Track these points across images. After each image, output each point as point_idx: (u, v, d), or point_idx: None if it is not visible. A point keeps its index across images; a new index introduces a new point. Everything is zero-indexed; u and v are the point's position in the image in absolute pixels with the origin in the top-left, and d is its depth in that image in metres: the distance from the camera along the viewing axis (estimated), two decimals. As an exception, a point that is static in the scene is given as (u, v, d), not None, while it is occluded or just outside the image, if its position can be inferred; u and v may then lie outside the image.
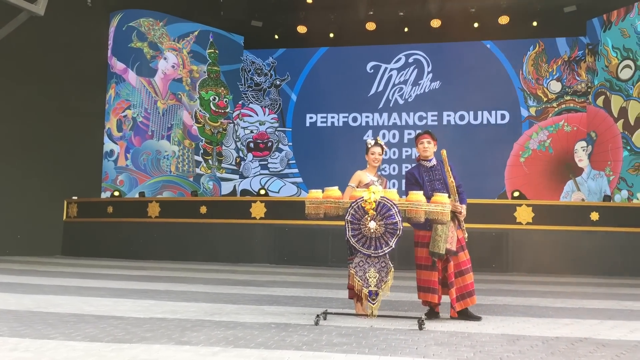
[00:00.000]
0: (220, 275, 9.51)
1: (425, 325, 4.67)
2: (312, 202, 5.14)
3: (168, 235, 12.99)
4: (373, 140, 5.58)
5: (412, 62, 16.87)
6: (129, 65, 15.49)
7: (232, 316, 5.12)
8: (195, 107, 16.45)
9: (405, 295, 6.87)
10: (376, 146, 5.54)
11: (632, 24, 14.22)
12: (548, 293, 7.78)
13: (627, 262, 11.08)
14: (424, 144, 5.44)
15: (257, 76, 17.50)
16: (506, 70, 16.25)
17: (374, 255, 4.91)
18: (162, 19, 16.00)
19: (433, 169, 5.41)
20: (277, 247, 12.37)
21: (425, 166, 5.45)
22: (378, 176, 5.60)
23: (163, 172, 15.61)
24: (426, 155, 5.43)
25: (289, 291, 7.37)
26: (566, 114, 15.74)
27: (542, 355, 3.76)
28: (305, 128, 17.22)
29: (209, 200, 14.05)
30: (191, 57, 16.48)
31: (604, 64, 14.93)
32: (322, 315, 4.89)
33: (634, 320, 5.40)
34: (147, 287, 7.38)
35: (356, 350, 3.75)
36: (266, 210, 12.57)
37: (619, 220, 11.42)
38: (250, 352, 3.64)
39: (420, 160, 5.49)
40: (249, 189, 16.96)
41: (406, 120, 16.74)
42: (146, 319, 4.84)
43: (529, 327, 4.87)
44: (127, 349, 3.69)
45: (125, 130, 15.31)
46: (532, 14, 15.46)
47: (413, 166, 5.60)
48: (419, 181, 5.40)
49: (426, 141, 5.44)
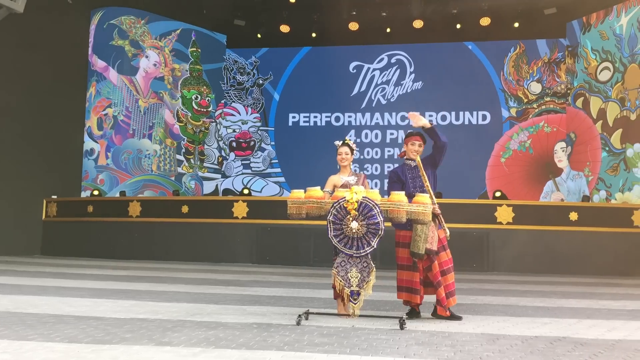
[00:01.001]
0: (202, 275, 9.47)
1: (407, 325, 4.70)
2: (294, 202, 5.14)
3: (149, 235, 12.90)
4: (340, 142, 5.60)
5: (395, 62, 16.94)
6: (110, 63, 15.35)
7: (214, 316, 5.11)
8: (177, 106, 16.35)
9: (387, 295, 6.89)
10: (343, 146, 5.58)
11: (610, 26, 14.42)
12: (527, 292, 7.86)
13: (605, 262, 11.22)
14: (415, 146, 5.46)
15: (240, 75, 17.45)
16: (487, 71, 16.38)
17: (356, 255, 4.93)
18: (143, 17, 15.88)
19: (416, 168, 5.43)
20: (259, 247, 12.34)
21: (409, 165, 5.48)
22: (355, 174, 5.62)
23: (144, 171, 15.49)
24: (413, 157, 5.46)
25: (271, 291, 7.36)
26: (546, 115, 15.92)
27: (522, 354, 3.80)
28: (288, 127, 17.20)
29: (191, 199, 13.98)
30: (173, 55, 16.38)
31: (584, 65, 15.12)
32: (304, 315, 4.90)
33: (611, 319, 5.47)
34: (127, 287, 7.32)
35: (338, 350, 3.76)
36: (248, 210, 12.54)
37: (597, 221, 11.57)
38: (232, 353, 3.63)
39: (406, 160, 5.51)
40: (231, 188, 16.90)
41: (388, 120, 16.80)
42: (126, 320, 4.81)
43: (509, 327, 4.92)
44: (107, 350, 3.66)
45: (106, 128, 15.17)
46: (513, 15, 15.60)
47: (397, 166, 5.65)
48: (401, 178, 5.45)
49: (417, 144, 5.47)
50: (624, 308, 6.33)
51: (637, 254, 11.18)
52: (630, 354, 3.88)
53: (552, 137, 15.75)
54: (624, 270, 11.04)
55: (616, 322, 5.27)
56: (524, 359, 3.68)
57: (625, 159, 13.71)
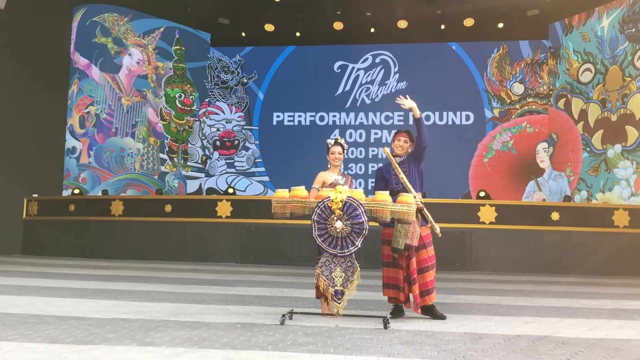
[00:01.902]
0: (185, 274, 9.42)
1: (390, 325, 4.71)
2: (278, 201, 5.13)
3: (132, 234, 12.80)
4: (333, 140, 5.59)
5: (379, 62, 16.98)
6: (93, 60, 15.20)
7: (197, 316, 5.08)
8: (161, 104, 16.24)
9: (370, 295, 6.91)
10: (336, 145, 5.56)
11: (592, 28, 14.58)
12: (510, 292, 7.92)
13: (586, 261, 11.34)
14: (400, 141, 5.50)
15: (224, 74, 17.38)
16: (471, 72, 16.49)
17: (340, 254, 4.93)
18: (126, 15, 15.75)
19: (402, 164, 5.44)
20: (243, 246, 12.30)
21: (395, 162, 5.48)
22: (343, 174, 5.62)
23: (127, 169, 15.37)
24: (398, 153, 5.48)
25: (254, 290, 7.34)
26: (529, 115, 16.06)
27: (504, 353, 3.83)
28: (272, 127, 17.17)
29: (174, 198, 13.89)
30: (157, 53, 16.26)
31: (565, 67, 15.27)
32: (288, 314, 4.89)
33: (592, 318, 5.54)
34: (109, 287, 7.26)
35: (322, 350, 3.76)
36: (232, 209, 12.49)
37: (578, 221, 11.69)
38: (215, 353, 3.62)
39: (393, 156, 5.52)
40: (215, 187, 16.83)
41: (373, 120, 16.84)
42: (108, 320, 4.77)
43: (492, 326, 4.95)
44: (88, 350, 3.63)
45: (88, 127, 15.02)
46: (496, 16, 15.72)
47: (384, 164, 5.65)
48: (384, 176, 5.48)
49: (403, 139, 5.51)
50: (604, 307, 6.40)
51: (617, 254, 11.32)
52: (611, 352, 3.93)
53: (534, 138, 15.89)
54: (604, 270, 11.17)
55: (597, 321, 5.33)
56: (506, 357, 3.71)
57: (606, 159, 13.87)
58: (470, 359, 3.65)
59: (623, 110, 13.60)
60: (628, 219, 11.56)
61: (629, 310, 6.15)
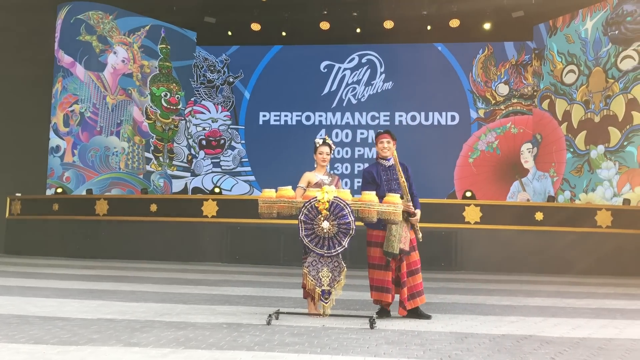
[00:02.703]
0: (171, 274, 9.38)
1: (377, 324, 4.73)
2: (265, 201, 5.13)
3: (117, 234, 12.72)
4: (321, 140, 5.59)
5: (365, 62, 17.02)
6: (77, 58, 15.08)
7: (183, 316, 5.06)
8: (146, 103, 16.15)
9: (357, 294, 6.93)
10: (324, 145, 5.55)
11: (576, 30, 14.73)
12: (494, 291, 7.98)
13: (569, 261, 11.46)
14: (383, 144, 5.47)
15: (210, 73, 17.32)
16: (456, 73, 16.58)
17: (327, 255, 4.94)
18: (112, 12, 15.64)
19: (391, 168, 5.44)
20: (229, 246, 12.28)
21: (383, 165, 5.48)
22: (329, 174, 5.63)
23: (112, 169, 15.27)
24: (385, 155, 5.47)
25: (240, 290, 7.33)
26: (513, 116, 16.18)
27: (489, 352, 3.86)
28: (259, 126, 17.15)
29: (160, 198, 13.82)
30: (142, 52, 16.17)
31: (550, 68, 15.41)
32: (275, 314, 4.89)
33: (575, 317, 5.59)
34: (94, 287, 7.21)
35: (308, 350, 3.77)
36: (218, 209, 12.46)
37: (562, 220, 11.80)
38: (202, 353, 3.61)
39: (379, 159, 5.53)
40: (200, 186, 16.77)
41: (359, 119, 16.87)
42: (93, 320, 4.73)
43: (477, 325, 4.99)
44: (73, 351, 3.60)
45: (73, 125, 14.90)
46: (482, 18, 15.82)
47: (371, 164, 5.63)
48: (376, 180, 5.44)
49: (386, 141, 5.47)
50: (587, 307, 6.47)
51: (600, 253, 11.45)
52: (594, 351, 3.97)
53: (519, 138, 16.03)
54: (587, 270, 11.30)
55: (580, 321, 5.39)
56: (491, 357, 3.74)
57: (589, 160, 14.03)
58: (456, 358, 3.67)
59: (606, 112, 13.76)
60: (611, 219, 11.70)
61: (611, 310, 6.22)
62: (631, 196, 12.84)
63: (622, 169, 13.26)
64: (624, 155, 13.25)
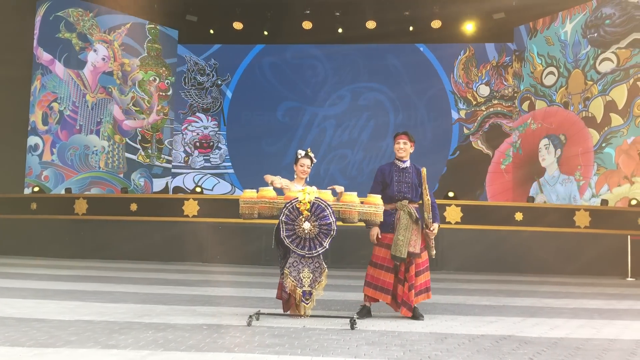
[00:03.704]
0: (151, 274, 9.31)
1: (357, 325, 4.73)
2: (246, 202, 5.11)
3: (96, 233, 12.58)
4: (303, 152, 5.56)
5: (348, 62, 17.04)
6: (56, 56, 14.90)
7: (162, 317, 5.02)
8: (127, 101, 16.00)
9: (337, 295, 6.93)
10: (306, 158, 5.51)
11: (556, 32, 14.89)
12: (474, 291, 8.04)
13: (548, 261, 11.58)
14: (400, 144, 5.46)
15: (200, 76, 17.29)
16: (438, 74, 16.68)
17: (308, 255, 4.94)
18: (92, 10, 15.48)
19: (405, 170, 5.43)
20: (209, 246, 12.21)
21: (398, 166, 5.47)
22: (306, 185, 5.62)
23: (91, 168, 15.11)
24: (401, 156, 5.46)
25: (221, 291, 7.29)
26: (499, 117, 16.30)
27: (469, 353, 3.89)
28: (241, 125, 17.10)
29: (140, 197, 13.71)
30: (123, 50, 16.02)
31: (530, 70, 15.56)
32: (255, 315, 4.87)
33: (554, 317, 5.65)
34: (72, 288, 7.12)
35: (289, 352, 3.76)
36: (199, 208, 12.39)
37: (541, 221, 11.93)
38: (181, 355, 3.58)
39: (396, 160, 5.51)
40: (181, 186, 16.67)
41: (341, 119, 16.89)
42: (71, 322, 4.68)
43: (456, 325, 5.02)
44: (50, 353, 3.56)
45: (52, 123, 14.72)
46: (463, 19, 15.93)
47: (387, 163, 5.60)
48: (385, 180, 5.42)
49: (402, 141, 5.46)
50: (565, 306, 6.55)
51: (578, 253, 11.59)
52: (572, 351, 4.02)
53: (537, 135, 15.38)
54: (565, 269, 11.43)
55: (558, 321, 5.44)
56: (471, 357, 3.76)
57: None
58: (436, 359, 3.69)
59: (585, 113, 13.93)
60: (589, 220, 11.84)
61: (589, 310, 6.30)
62: (609, 197, 13.02)
63: (601, 170, 13.43)
64: (602, 157, 13.42)
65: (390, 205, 5.35)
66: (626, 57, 13.21)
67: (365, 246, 11.76)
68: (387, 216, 5.29)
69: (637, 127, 12.87)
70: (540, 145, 15.22)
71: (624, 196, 12.89)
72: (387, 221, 5.27)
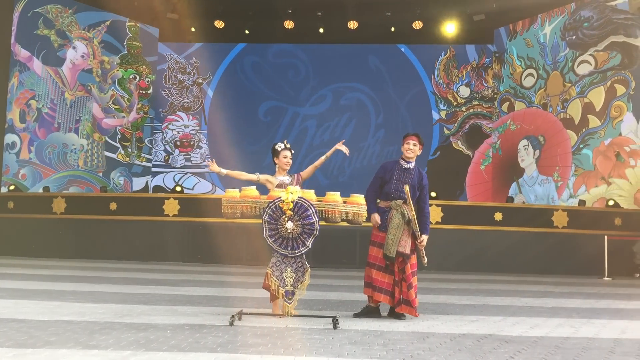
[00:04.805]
0: (131, 274, 9.23)
1: (340, 325, 4.74)
2: (229, 201, 5.09)
3: (75, 233, 12.44)
4: (282, 144, 5.58)
5: (330, 62, 17.04)
6: (35, 53, 14.68)
7: (144, 317, 4.98)
8: (106, 99, 15.83)
9: (320, 294, 6.94)
10: (286, 150, 5.55)
11: (535, 34, 15.06)
12: (455, 291, 8.10)
13: (527, 260, 11.72)
14: (409, 144, 5.49)
15: (181, 74, 17.18)
16: (419, 74, 16.76)
17: (290, 255, 4.94)
18: (71, 7, 15.28)
19: (407, 171, 5.45)
20: (190, 245, 12.15)
21: (401, 165, 5.48)
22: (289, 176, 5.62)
23: (70, 166, 14.93)
24: (408, 156, 5.48)
25: (202, 290, 7.26)
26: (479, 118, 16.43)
27: (450, 352, 3.92)
28: (222, 125, 17.01)
29: (120, 196, 13.59)
30: (102, 47, 15.85)
31: (509, 71, 15.72)
32: (237, 315, 4.86)
33: (533, 316, 5.72)
34: (51, 288, 7.03)
35: (272, 351, 3.75)
36: (180, 208, 12.32)
37: (520, 221, 12.05)
38: (163, 356, 3.56)
39: (401, 159, 5.52)
40: (162, 185, 16.56)
41: (323, 118, 16.90)
42: (51, 322, 4.62)
43: (438, 325, 5.05)
44: (30, 354, 3.51)
45: (29, 121, 14.50)
46: (444, 20, 16.03)
47: (392, 160, 5.63)
48: (385, 177, 5.45)
49: (412, 142, 5.49)
50: (544, 305, 6.63)
51: (556, 253, 11.75)
52: (552, 350, 4.07)
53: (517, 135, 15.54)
54: (544, 269, 11.57)
55: (537, 320, 5.51)
56: (452, 356, 3.79)
57: (546, 162, 14.33)
58: (418, 358, 3.71)
59: (563, 115, 14.11)
60: (567, 220, 12.00)
61: (567, 309, 6.39)
62: (586, 197, 13.21)
63: (578, 171, 13.62)
64: (580, 158, 13.61)
65: (385, 204, 5.39)
66: (604, 60, 13.41)
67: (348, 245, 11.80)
68: (381, 214, 5.34)
69: (614, 128, 13.08)
70: (520, 146, 15.36)
71: (601, 197, 13.08)
72: (381, 219, 5.31)
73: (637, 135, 12.71)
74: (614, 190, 12.93)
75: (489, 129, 16.27)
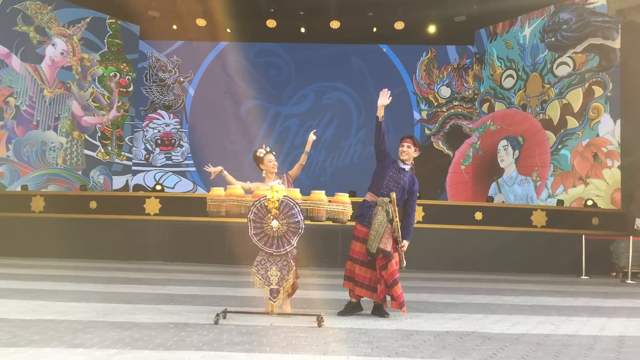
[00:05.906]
0: (112, 273, 9.15)
1: (325, 323, 4.77)
2: (213, 200, 5.09)
3: (54, 232, 12.25)
4: (263, 150, 5.61)
5: (312, 61, 17.06)
6: (13, 50, 14.46)
7: (127, 316, 4.96)
8: (86, 97, 15.66)
9: (305, 293, 6.95)
10: (269, 153, 5.59)
11: (515, 36, 15.23)
12: (437, 289, 8.17)
13: (507, 259, 11.84)
14: (403, 147, 5.58)
15: (162, 72, 17.05)
16: (400, 74, 16.85)
17: (275, 253, 4.95)
18: (50, 3, 15.09)
19: (402, 171, 5.50)
20: (171, 244, 12.07)
21: (398, 165, 5.54)
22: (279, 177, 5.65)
23: (49, 164, 14.75)
24: (403, 158, 5.54)
25: (185, 289, 7.23)
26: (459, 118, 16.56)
27: (434, 349, 3.97)
28: (203, 123, 16.95)
29: (100, 195, 13.44)
30: (82, 44, 15.68)
31: (490, 72, 15.88)
32: (222, 314, 4.86)
33: (514, 314, 5.81)
34: (31, 287, 6.96)
35: (257, 349, 3.77)
36: (161, 206, 12.24)
37: (500, 220, 12.18)
38: (149, 354, 3.56)
39: (398, 160, 5.57)
40: (142, 184, 16.43)
41: (303, 118, 16.90)
42: (33, 321, 4.58)
43: (421, 322, 5.11)
44: (14, 353, 3.49)
45: (7, 119, 14.29)
46: (425, 21, 16.13)
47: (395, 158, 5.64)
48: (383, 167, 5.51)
49: (406, 145, 5.58)
50: (524, 303, 6.72)
51: (535, 252, 11.89)
52: (533, 347, 4.14)
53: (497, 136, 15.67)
54: (523, 268, 11.71)
55: (518, 317, 5.59)
56: (437, 353, 3.84)
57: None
58: (403, 355, 3.75)
59: (542, 116, 14.29)
60: (545, 219, 12.15)
61: (547, 307, 6.48)
62: (565, 197, 13.40)
63: (557, 171, 13.80)
64: (559, 158, 13.80)
65: (372, 198, 5.43)
66: (582, 62, 13.61)
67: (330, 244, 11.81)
68: (367, 208, 5.38)
69: (591, 129, 13.28)
70: (499, 146, 15.50)
71: (579, 197, 13.28)
72: (365, 214, 5.36)
73: (614, 136, 12.93)
74: (592, 190, 13.14)
75: (469, 129, 16.43)
